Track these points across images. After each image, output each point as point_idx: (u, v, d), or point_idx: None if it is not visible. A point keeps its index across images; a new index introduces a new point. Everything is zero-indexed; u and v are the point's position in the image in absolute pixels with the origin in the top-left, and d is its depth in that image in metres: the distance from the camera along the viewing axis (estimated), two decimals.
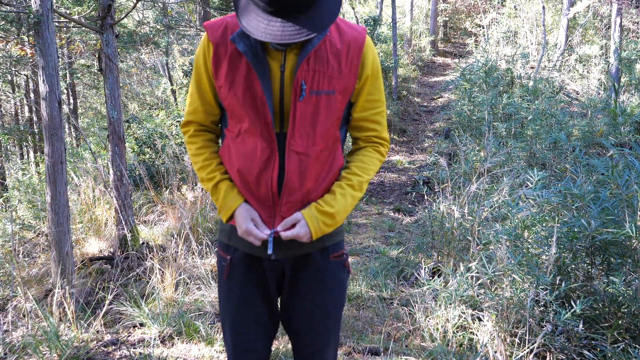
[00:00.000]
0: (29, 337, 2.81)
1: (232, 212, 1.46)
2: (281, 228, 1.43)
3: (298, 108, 1.38)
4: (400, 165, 8.96)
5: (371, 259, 4.50)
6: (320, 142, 1.43)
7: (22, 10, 4.63)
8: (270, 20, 1.23)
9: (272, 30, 1.22)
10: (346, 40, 1.43)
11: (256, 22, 1.24)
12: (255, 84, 1.39)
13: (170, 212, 5.16)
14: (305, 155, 1.42)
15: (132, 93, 14.27)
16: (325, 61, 1.40)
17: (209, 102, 1.50)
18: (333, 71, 1.40)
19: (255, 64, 1.37)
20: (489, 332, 2.62)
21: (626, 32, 13.59)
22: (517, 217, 2.89)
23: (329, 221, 1.43)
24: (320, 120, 1.41)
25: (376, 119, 1.52)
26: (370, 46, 1.46)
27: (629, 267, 2.51)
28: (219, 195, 1.48)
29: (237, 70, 1.40)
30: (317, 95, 1.39)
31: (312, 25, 1.24)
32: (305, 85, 1.37)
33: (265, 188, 1.43)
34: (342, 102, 1.44)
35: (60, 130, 3.40)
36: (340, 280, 1.57)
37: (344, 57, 1.42)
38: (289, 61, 1.39)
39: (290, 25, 1.22)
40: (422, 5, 18.64)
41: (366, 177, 1.49)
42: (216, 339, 2.90)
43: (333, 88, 1.41)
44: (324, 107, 1.41)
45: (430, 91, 13.59)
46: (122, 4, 10.34)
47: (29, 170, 8.98)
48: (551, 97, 7.42)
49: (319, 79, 1.39)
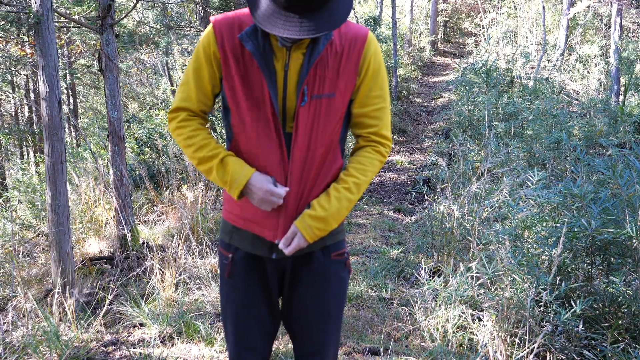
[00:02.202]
0: (29, 337, 2.81)
1: (247, 180, 1.41)
2: (283, 245, 1.43)
3: (300, 112, 1.40)
4: (400, 165, 8.97)
5: (371, 259, 4.50)
6: (321, 145, 1.44)
7: (22, 10, 4.63)
8: (288, 17, 1.25)
9: (290, 26, 1.24)
10: (347, 39, 1.43)
11: (274, 19, 1.26)
12: (262, 84, 1.40)
13: (170, 212, 5.16)
14: (306, 157, 1.43)
15: (132, 93, 14.26)
16: (327, 65, 1.41)
17: (204, 92, 1.48)
18: (334, 73, 1.42)
19: (263, 65, 1.38)
20: (489, 332, 2.62)
21: (626, 32, 13.59)
22: (517, 217, 2.89)
23: (321, 226, 1.43)
24: (321, 123, 1.43)
25: (376, 114, 1.50)
26: (372, 42, 1.46)
27: (629, 267, 2.51)
28: (227, 169, 1.43)
29: (244, 68, 1.41)
30: (318, 99, 1.41)
31: (328, 21, 1.26)
32: (307, 90, 1.39)
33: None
34: (342, 102, 1.45)
35: (60, 130, 3.40)
36: (341, 279, 1.57)
37: (345, 56, 1.42)
38: (292, 60, 1.40)
39: (308, 22, 1.24)
40: (422, 5, 18.64)
41: (363, 179, 1.47)
42: (216, 339, 2.90)
43: (333, 91, 1.42)
44: (324, 110, 1.42)
45: (430, 91, 13.59)
46: (122, 4, 10.34)
47: (29, 170, 8.98)
48: (551, 97, 7.42)
49: (320, 83, 1.41)
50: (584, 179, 2.94)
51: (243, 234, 1.53)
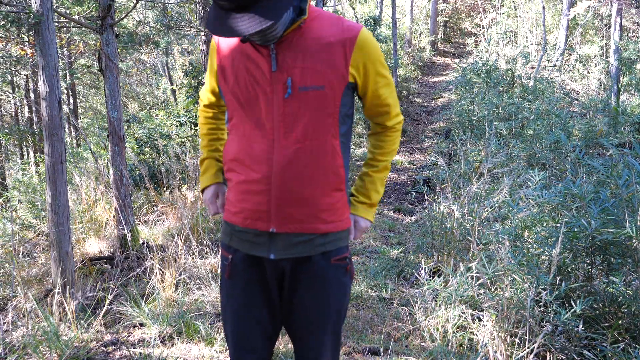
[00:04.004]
0: (29, 337, 2.81)
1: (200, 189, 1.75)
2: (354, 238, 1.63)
3: (285, 104, 1.42)
4: (400, 165, 8.97)
5: (371, 259, 4.50)
6: (311, 138, 1.44)
7: (22, 10, 4.63)
8: (228, 17, 1.29)
9: (231, 24, 1.28)
10: (339, 33, 1.44)
11: (216, 21, 1.31)
12: (250, 79, 1.45)
13: (170, 212, 5.17)
14: (293, 150, 1.43)
15: (132, 93, 14.27)
16: (314, 56, 1.41)
17: (212, 89, 1.67)
18: (323, 66, 1.41)
19: (250, 62, 1.44)
20: (489, 332, 2.62)
21: (626, 32, 13.60)
22: (517, 217, 2.89)
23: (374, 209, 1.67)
24: (308, 115, 1.43)
25: (387, 102, 1.57)
26: (365, 39, 1.45)
27: (629, 267, 2.51)
28: (201, 169, 1.76)
29: (235, 66, 1.48)
30: (305, 92, 1.41)
31: (267, 14, 1.27)
32: (290, 82, 1.40)
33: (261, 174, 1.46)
34: (334, 97, 1.44)
35: (60, 130, 3.40)
36: (342, 284, 1.55)
37: (337, 49, 1.42)
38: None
39: (246, 18, 1.27)
40: (422, 5, 18.65)
41: (389, 159, 1.65)
42: (216, 339, 2.90)
43: (322, 83, 1.42)
44: (312, 102, 1.42)
45: (430, 91, 13.59)
46: (122, 4, 10.33)
47: (29, 170, 8.99)
48: (551, 97, 7.42)
49: (306, 75, 1.41)
50: (583, 179, 2.94)
51: (242, 235, 1.53)
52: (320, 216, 1.48)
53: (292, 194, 1.45)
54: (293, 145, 1.43)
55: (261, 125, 1.45)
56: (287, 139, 1.43)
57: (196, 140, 6.71)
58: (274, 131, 1.44)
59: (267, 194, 1.45)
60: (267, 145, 1.44)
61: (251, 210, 1.48)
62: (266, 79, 1.43)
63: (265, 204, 1.46)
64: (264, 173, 1.44)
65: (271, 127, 1.44)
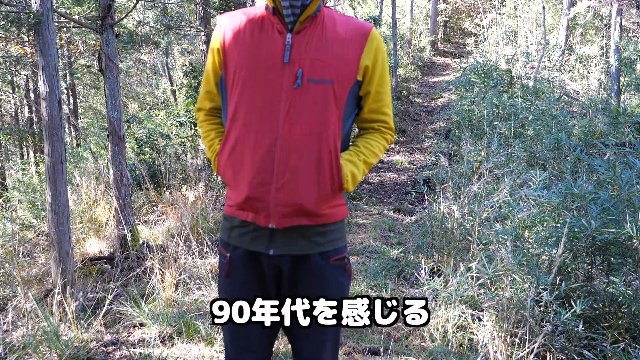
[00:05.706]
0: (29, 337, 2.81)
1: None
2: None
3: (293, 95, 1.42)
4: (400, 165, 8.97)
5: (371, 259, 4.50)
6: (314, 129, 1.43)
7: (22, 10, 4.63)
8: None
9: None
10: (351, 30, 1.46)
11: None
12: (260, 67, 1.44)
13: (170, 212, 5.16)
14: (295, 144, 1.43)
15: (132, 93, 14.28)
16: (327, 50, 1.43)
17: (211, 89, 1.59)
18: (334, 60, 1.43)
19: (261, 50, 1.43)
20: (489, 332, 2.62)
21: (626, 32, 13.60)
22: (517, 217, 2.89)
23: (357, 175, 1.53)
24: (314, 109, 1.43)
25: (384, 110, 1.57)
26: (376, 37, 1.48)
27: (629, 267, 2.51)
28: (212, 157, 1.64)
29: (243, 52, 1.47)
30: (314, 84, 1.42)
31: None
32: (301, 73, 1.41)
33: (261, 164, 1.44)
34: (341, 93, 1.45)
35: (60, 130, 3.40)
36: (340, 284, 1.55)
37: (349, 45, 1.45)
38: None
39: None
40: (422, 5, 18.66)
41: (371, 161, 1.56)
42: (216, 339, 2.90)
43: (330, 77, 1.43)
44: (319, 96, 1.42)
45: (430, 91, 13.59)
46: (122, 4, 10.34)
47: (29, 170, 8.99)
48: (551, 97, 7.42)
49: (316, 67, 1.42)
50: (584, 179, 2.94)
51: (242, 229, 1.53)
52: (319, 211, 1.48)
53: (292, 190, 1.44)
54: (296, 139, 1.43)
55: (265, 115, 1.44)
56: (290, 132, 1.42)
57: (196, 141, 6.71)
58: (279, 123, 1.43)
59: (267, 187, 1.45)
60: (270, 137, 1.43)
61: (251, 204, 1.48)
62: (277, 69, 1.43)
63: (265, 199, 1.45)
64: (265, 166, 1.44)
65: (276, 119, 1.43)
